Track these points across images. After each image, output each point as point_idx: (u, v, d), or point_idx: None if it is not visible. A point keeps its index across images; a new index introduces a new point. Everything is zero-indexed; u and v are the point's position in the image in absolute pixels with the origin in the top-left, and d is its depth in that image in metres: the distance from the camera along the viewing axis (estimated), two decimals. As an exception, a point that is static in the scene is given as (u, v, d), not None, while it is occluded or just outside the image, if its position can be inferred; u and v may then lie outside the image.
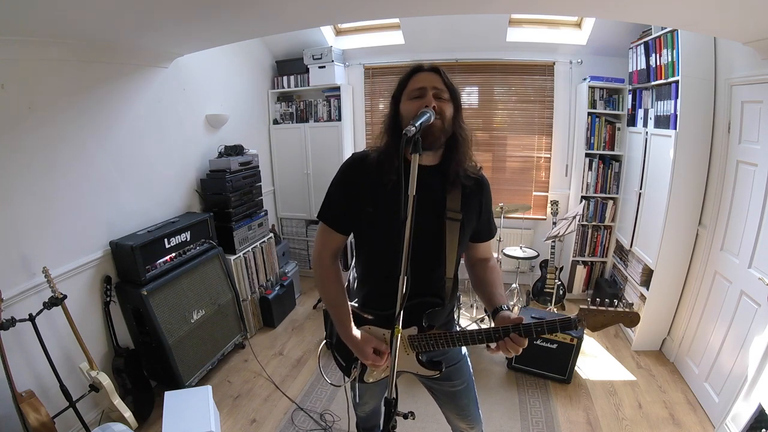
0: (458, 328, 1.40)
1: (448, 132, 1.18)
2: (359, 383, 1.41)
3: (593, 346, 3.02)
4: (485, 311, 3.31)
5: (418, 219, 1.01)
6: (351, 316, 1.28)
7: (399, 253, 0.98)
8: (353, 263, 1.42)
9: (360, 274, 1.38)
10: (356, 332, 1.26)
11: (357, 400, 1.58)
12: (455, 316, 1.47)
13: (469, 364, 1.47)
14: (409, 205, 0.98)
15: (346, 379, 1.40)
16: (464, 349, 1.45)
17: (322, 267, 1.30)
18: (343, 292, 1.30)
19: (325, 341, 1.49)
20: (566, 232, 3.07)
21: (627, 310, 1.06)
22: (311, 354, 3.05)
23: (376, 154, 1.22)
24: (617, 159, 3.48)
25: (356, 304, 1.35)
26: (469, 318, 3.32)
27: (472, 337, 1.15)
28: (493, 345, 1.14)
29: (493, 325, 1.18)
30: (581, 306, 1.10)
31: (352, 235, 1.34)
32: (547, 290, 3.43)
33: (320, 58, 3.79)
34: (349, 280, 1.47)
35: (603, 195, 3.54)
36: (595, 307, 1.08)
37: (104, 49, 2.26)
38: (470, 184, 1.23)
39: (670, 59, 2.54)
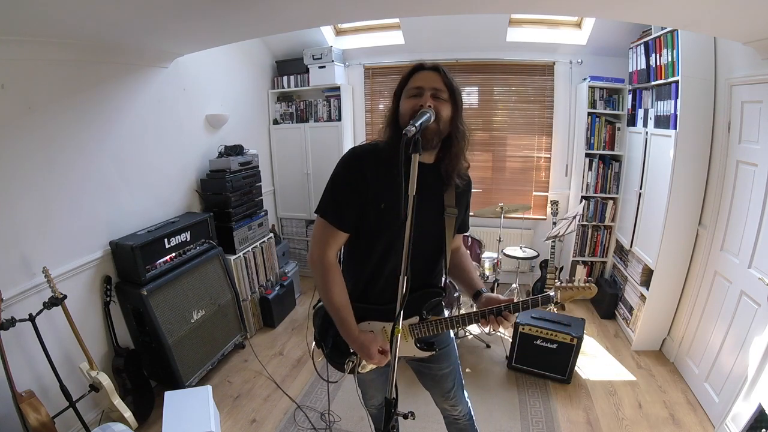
0: (446, 314, 1.47)
1: (443, 133, 1.19)
2: (357, 376, 1.41)
3: (593, 346, 3.02)
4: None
5: (421, 215, 1.01)
6: (353, 317, 1.24)
7: (401, 250, 0.99)
8: (342, 257, 1.39)
9: (355, 268, 1.32)
10: (361, 334, 1.24)
11: (362, 399, 1.61)
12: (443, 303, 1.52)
13: (456, 348, 1.56)
14: (409, 205, 0.98)
15: (340, 375, 1.45)
16: (452, 334, 1.57)
17: (326, 267, 1.23)
18: (346, 293, 1.25)
19: (314, 342, 1.44)
20: (566, 232, 3.07)
21: (584, 285, 1.25)
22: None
23: (383, 147, 1.21)
24: (617, 159, 3.48)
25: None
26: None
27: (469, 319, 1.25)
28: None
29: (475, 307, 1.32)
30: (556, 284, 1.28)
31: None
32: (548, 290, 3.42)
33: (320, 58, 3.79)
34: None
35: (603, 195, 3.54)
36: (563, 284, 1.27)
37: (104, 49, 2.26)
38: (461, 183, 1.29)
39: (670, 59, 2.54)
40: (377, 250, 1.25)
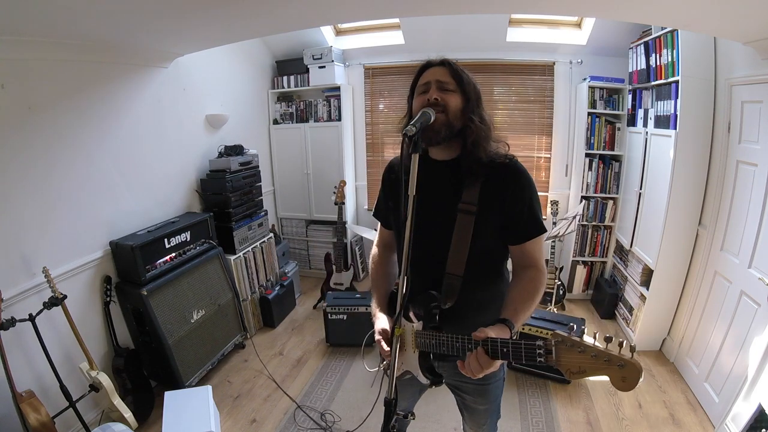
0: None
1: (454, 125, 1.12)
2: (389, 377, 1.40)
3: (593, 346, 3.01)
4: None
5: (427, 214, 1.02)
6: (384, 300, 1.35)
7: (408, 251, 1.00)
8: None
9: None
10: (379, 315, 1.30)
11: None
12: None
13: (503, 386, 1.37)
14: (409, 205, 0.98)
15: (380, 366, 1.37)
16: (504, 371, 1.36)
17: (372, 254, 1.48)
18: (383, 278, 1.41)
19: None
20: (566, 232, 3.07)
21: (620, 356, 0.70)
22: (311, 354, 3.05)
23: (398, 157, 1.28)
24: (617, 159, 3.48)
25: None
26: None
27: (454, 345, 1.05)
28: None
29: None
30: (556, 330, 0.82)
31: None
32: (547, 290, 3.43)
33: (320, 58, 3.79)
34: None
35: (603, 195, 3.54)
36: (572, 339, 0.75)
37: (104, 49, 2.26)
38: (491, 174, 1.12)
39: (670, 59, 2.54)
40: (398, 250, 1.38)
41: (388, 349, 1.16)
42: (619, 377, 0.71)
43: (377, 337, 1.24)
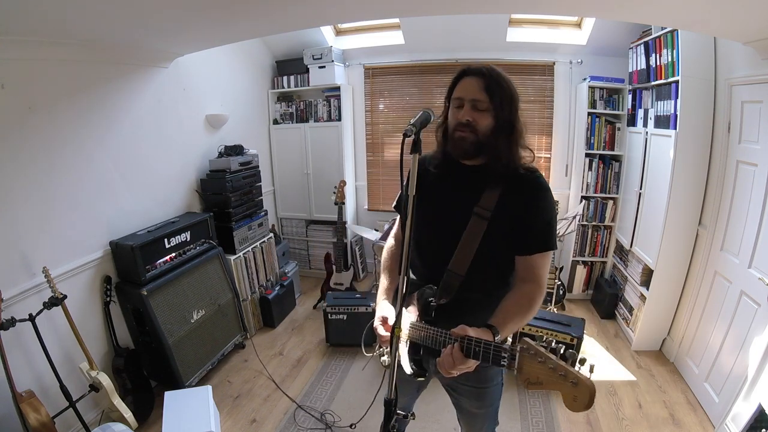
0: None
1: (483, 143, 1.14)
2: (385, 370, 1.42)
3: (593, 346, 3.02)
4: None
5: (445, 213, 1.10)
6: (392, 290, 1.34)
7: (419, 247, 1.02)
8: None
9: None
10: (382, 302, 1.30)
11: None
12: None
13: (501, 392, 1.38)
14: (409, 205, 0.98)
15: (376, 352, 1.47)
16: (503, 376, 1.36)
17: (387, 245, 1.47)
18: (392, 269, 1.40)
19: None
20: (566, 232, 3.07)
21: (576, 372, 0.73)
22: (311, 354, 3.05)
23: (433, 152, 1.29)
24: (617, 159, 3.48)
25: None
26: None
27: (437, 339, 1.09)
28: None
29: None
30: (525, 338, 0.86)
31: None
32: (547, 290, 3.42)
33: (320, 58, 3.79)
34: None
35: (603, 195, 3.54)
36: (537, 348, 0.79)
37: (104, 49, 2.26)
38: (512, 183, 1.15)
39: (670, 59, 2.54)
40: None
41: (385, 334, 1.20)
42: (571, 395, 0.73)
43: (377, 323, 1.25)
